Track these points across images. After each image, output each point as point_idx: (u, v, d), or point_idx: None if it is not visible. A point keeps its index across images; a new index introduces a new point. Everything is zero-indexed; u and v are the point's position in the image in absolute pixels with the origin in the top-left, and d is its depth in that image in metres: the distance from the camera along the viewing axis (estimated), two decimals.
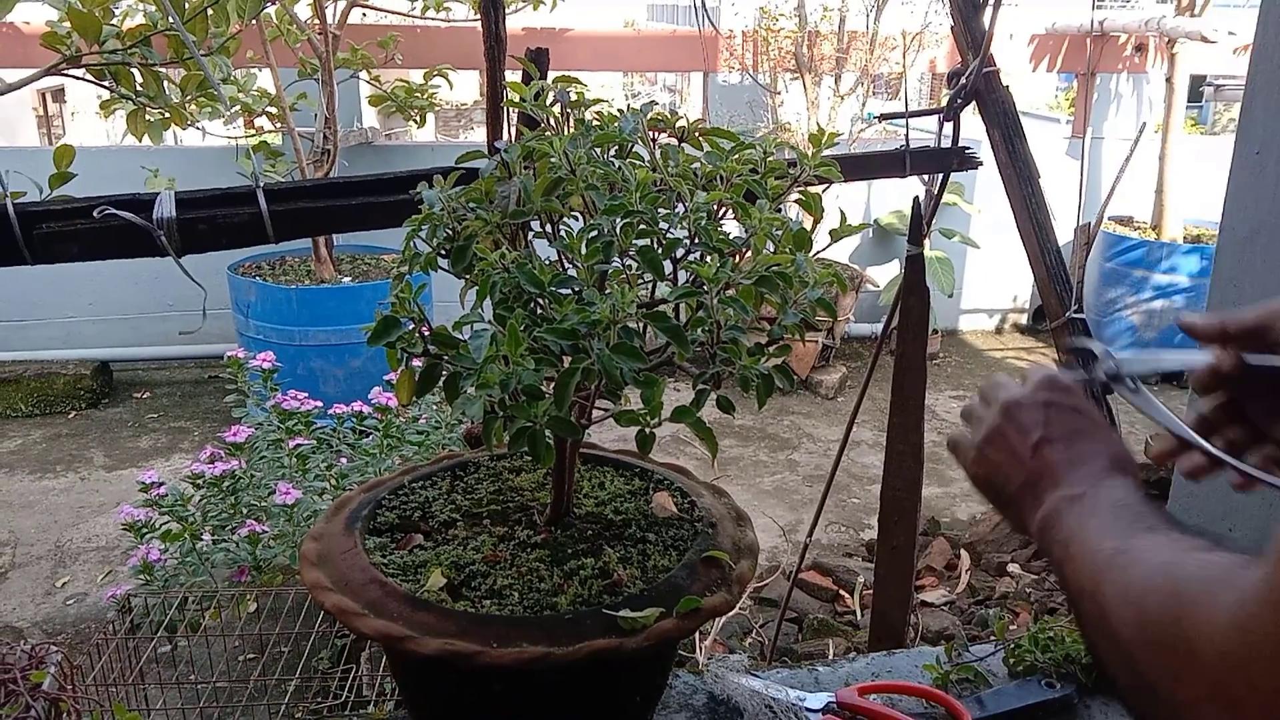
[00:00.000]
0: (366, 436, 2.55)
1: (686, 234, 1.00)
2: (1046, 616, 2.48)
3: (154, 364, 5.35)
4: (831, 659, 1.40)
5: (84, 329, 5.25)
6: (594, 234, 0.96)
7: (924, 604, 3.03)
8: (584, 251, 0.95)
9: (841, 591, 3.16)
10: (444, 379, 0.96)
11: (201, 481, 2.36)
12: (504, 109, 1.59)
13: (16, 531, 3.72)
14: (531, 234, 1.08)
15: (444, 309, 1.46)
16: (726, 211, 1.04)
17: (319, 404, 2.58)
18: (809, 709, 1.20)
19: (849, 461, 4.21)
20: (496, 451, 1.28)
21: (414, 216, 1.03)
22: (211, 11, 2.23)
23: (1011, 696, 1.23)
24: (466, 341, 0.92)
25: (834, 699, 1.20)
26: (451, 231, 1.02)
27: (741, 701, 1.23)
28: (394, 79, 5.19)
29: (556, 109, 1.14)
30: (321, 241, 4.54)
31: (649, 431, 0.94)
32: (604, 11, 9.74)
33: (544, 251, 1.03)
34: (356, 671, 1.93)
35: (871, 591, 2.26)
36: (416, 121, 4.99)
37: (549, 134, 1.10)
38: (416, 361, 0.98)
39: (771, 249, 1.01)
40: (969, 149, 1.88)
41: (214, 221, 1.35)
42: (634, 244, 0.97)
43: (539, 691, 0.98)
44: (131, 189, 1.40)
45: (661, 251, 0.98)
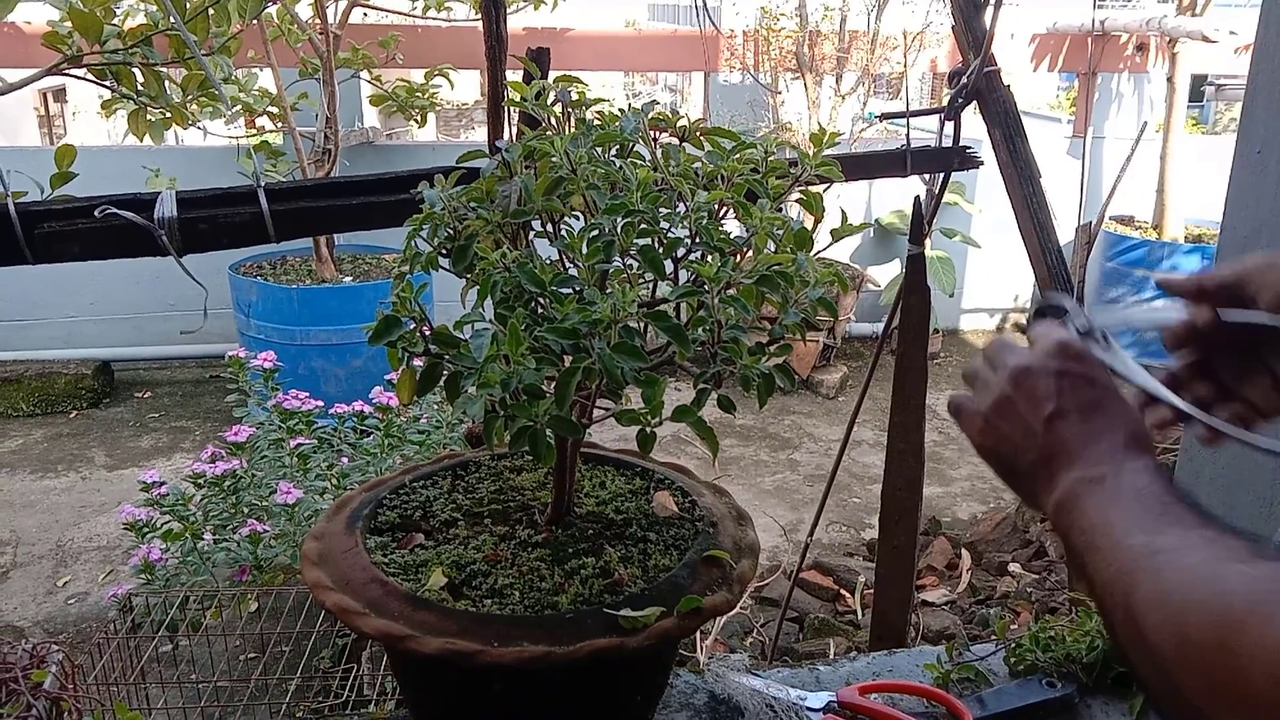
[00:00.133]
0: (367, 436, 2.55)
1: (687, 233, 1.00)
2: (1047, 616, 2.48)
3: (155, 363, 5.35)
4: (832, 658, 1.40)
5: (85, 328, 5.25)
6: (595, 233, 0.96)
7: (925, 603, 3.03)
8: (585, 251, 0.95)
9: (842, 591, 3.17)
10: (445, 378, 0.96)
11: (203, 481, 2.36)
12: (505, 108, 1.59)
13: (18, 531, 3.73)
14: (532, 233, 1.08)
15: (445, 308, 1.46)
16: (727, 211, 1.04)
17: (320, 403, 2.58)
18: (810, 708, 1.20)
19: (850, 461, 4.20)
20: (497, 451, 1.28)
21: (415, 216, 1.03)
22: (213, 11, 2.23)
23: (1012, 696, 1.23)
24: (467, 341, 0.92)
25: (835, 698, 1.20)
26: (452, 231, 1.02)
27: (742, 701, 1.23)
28: (395, 79, 5.19)
29: (558, 108, 1.14)
30: (323, 241, 4.55)
31: (650, 431, 0.94)
32: (605, 11, 9.73)
33: (545, 251, 1.03)
34: (357, 671, 1.93)
35: (872, 591, 2.26)
36: (417, 121, 4.99)
37: (550, 133, 1.10)
38: (417, 361, 0.98)
39: (772, 248, 1.01)
40: (970, 148, 1.88)
41: (215, 221, 1.35)
42: (635, 243, 0.97)
43: (540, 690, 0.98)
44: (133, 189, 1.40)
45: (662, 251, 0.98)
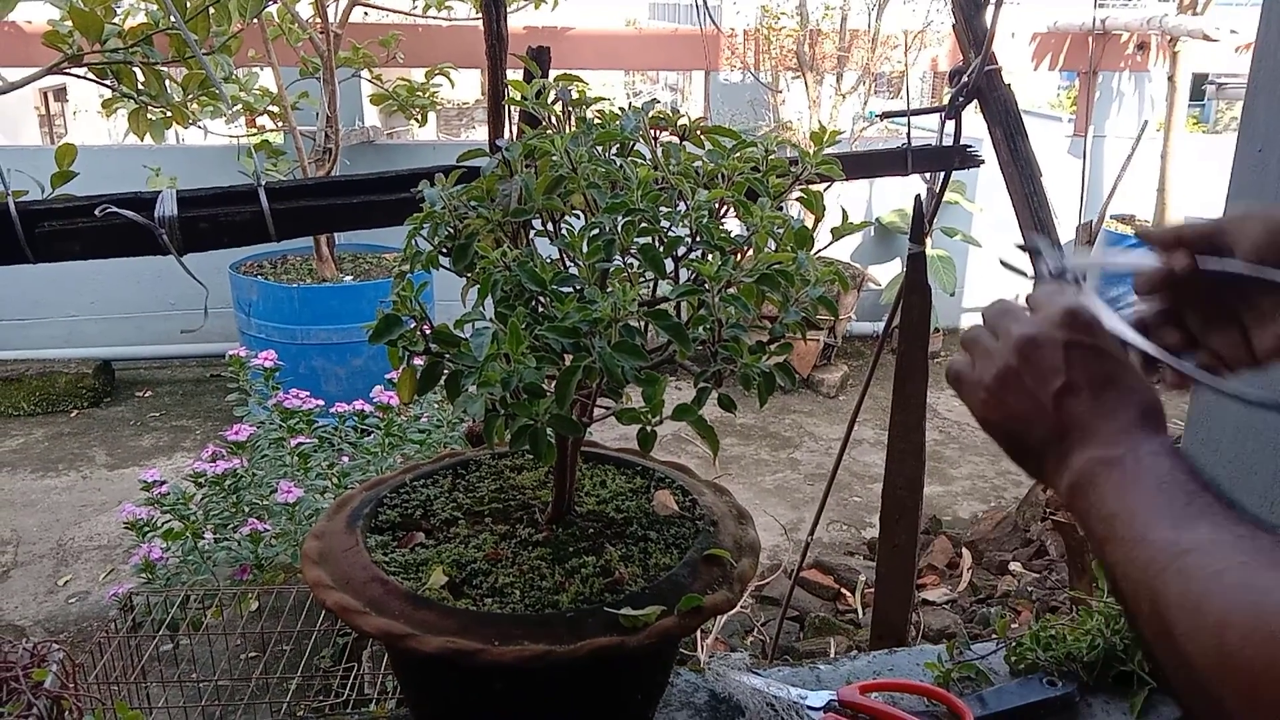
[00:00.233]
0: (368, 435, 2.56)
1: (688, 232, 1.00)
2: (1048, 615, 2.48)
3: (156, 363, 5.35)
4: (833, 657, 1.40)
5: (86, 328, 5.25)
6: (595, 232, 0.96)
7: (925, 602, 3.03)
8: (585, 250, 0.95)
9: (843, 590, 3.17)
10: (445, 377, 0.96)
11: (203, 480, 2.36)
12: (505, 107, 1.59)
13: (19, 530, 3.73)
14: (533, 232, 1.08)
15: (445, 307, 1.46)
16: (728, 209, 1.04)
17: (320, 403, 2.58)
18: (810, 707, 1.20)
19: (850, 460, 4.20)
20: (498, 450, 1.28)
21: (415, 215, 1.03)
22: (213, 10, 2.23)
23: (1013, 694, 1.23)
24: (468, 340, 0.92)
25: (835, 697, 1.20)
26: (453, 230, 1.02)
27: (743, 699, 1.23)
28: (395, 78, 5.19)
29: (558, 107, 1.14)
30: (323, 240, 4.55)
31: (650, 430, 0.94)
32: (605, 10, 9.73)
33: (545, 250, 1.03)
34: (358, 670, 1.93)
35: (873, 590, 2.26)
36: (418, 120, 4.99)
37: (550, 132, 1.10)
38: (418, 360, 0.98)
39: (773, 247, 1.01)
40: (971, 147, 1.88)
41: (216, 220, 1.35)
42: (635, 242, 0.97)
43: (540, 689, 0.98)
44: (133, 188, 1.40)
45: (663, 249, 0.98)
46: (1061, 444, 0.69)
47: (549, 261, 0.97)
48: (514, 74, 1.46)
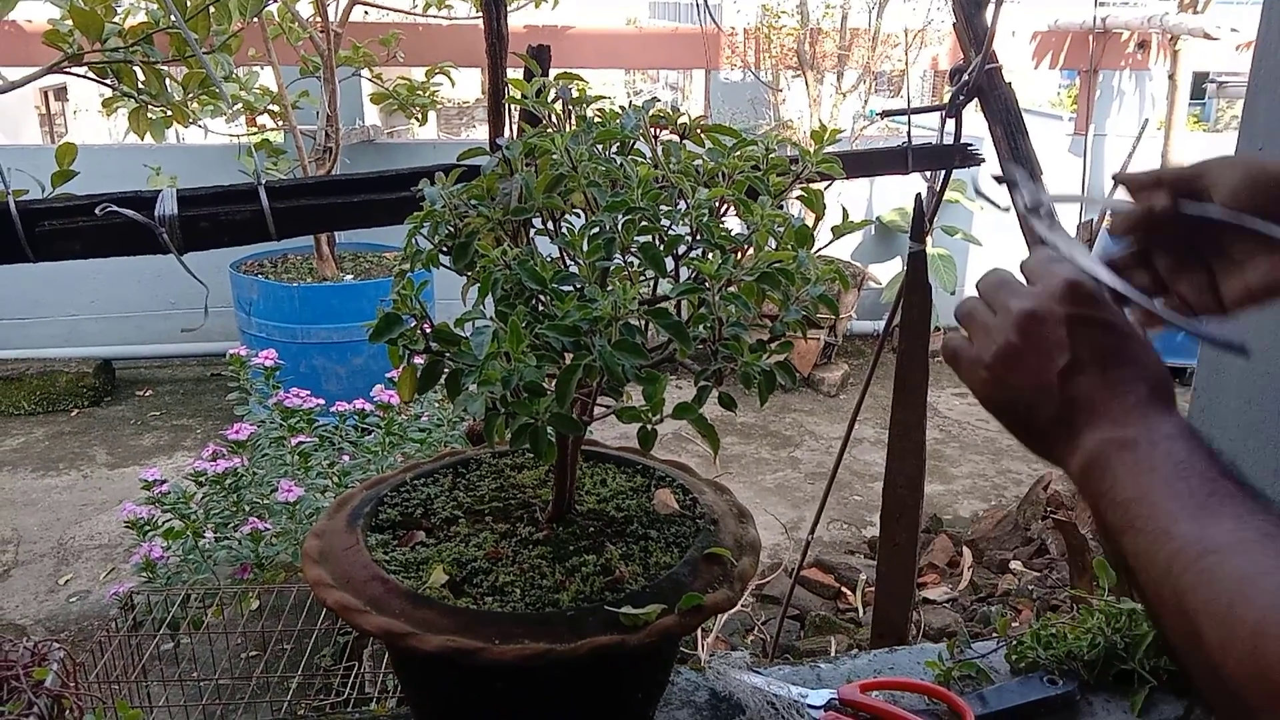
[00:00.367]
0: (368, 434, 2.56)
1: (688, 231, 1.00)
2: (1049, 613, 2.48)
3: (156, 362, 5.35)
4: (833, 656, 1.40)
5: (86, 327, 5.25)
6: (596, 231, 0.96)
7: (926, 601, 3.03)
8: (586, 248, 0.95)
9: (843, 589, 3.17)
10: (446, 376, 0.96)
11: (204, 479, 2.36)
12: (506, 106, 1.59)
13: (19, 529, 3.73)
14: (533, 231, 1.08)
15: (446, 306, 1.46)
16: (728, 208, 1.04)
17: (321, 402, 2.58)
18: (811, 706, 1.20)
19: (851, 459, 4.20)
20: (498, 448, 1.28)
21: (416, 214, 1.03)
22: (213, 9, 2.23)
23: (1014, 693, 1.23)
24: (468, 338, 0.92)
25: (836, 696, 1.20)
26: (453, 229, 1.02)
27: (743, 698, 1.23)
28: (396, 77, 5.19)
29: (558, 106, 1.14)
30: (324, 239, 4.55)
31: (651, 428, 0.94)
32: (606, 9, 9.73)
33: (545, 248, 1.03)
34: (359, 669, 1.93)
35: (873, 588, 2.26)
36: (418, 119, 4.99)
37: (551, 131, 1.10)
38: (418, 359, 0.98)
39: (773, 246, 1.01)
40: (971, 146, 1.88)
41: (216, 219, 1.35)
42: (636, 241, 0.97)
43: (541, 688, 0.98)
44: (133, 187, 1.40)
45: (663, 248, 0.98)
46: (1070, 424, 0.66)
47: (549, 260, 0.97)
48: (514, 73, 1.46)
